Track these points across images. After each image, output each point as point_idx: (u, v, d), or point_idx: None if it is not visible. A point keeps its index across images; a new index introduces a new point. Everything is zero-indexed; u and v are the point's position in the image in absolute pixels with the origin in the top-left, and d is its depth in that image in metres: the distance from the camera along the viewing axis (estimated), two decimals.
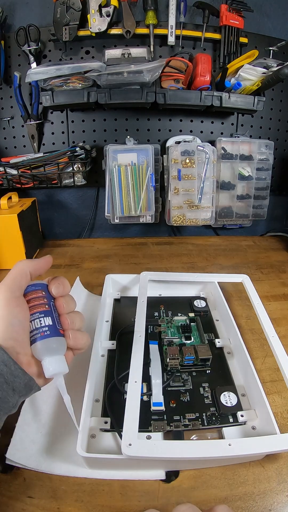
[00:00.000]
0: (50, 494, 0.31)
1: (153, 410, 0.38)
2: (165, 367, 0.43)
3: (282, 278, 0.72)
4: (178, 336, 0.49)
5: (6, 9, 0.78)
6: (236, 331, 0.47)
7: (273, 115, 0.93)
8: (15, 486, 0.32)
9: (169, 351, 0.43)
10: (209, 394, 0.40)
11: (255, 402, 0.38)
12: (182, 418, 0.37)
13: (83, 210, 0.99)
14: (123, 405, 0.35)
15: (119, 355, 0.45)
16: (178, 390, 0.41)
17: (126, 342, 0.48)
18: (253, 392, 0.39)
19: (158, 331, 0.50)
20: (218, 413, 0.38)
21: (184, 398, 0.40)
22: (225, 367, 0.45)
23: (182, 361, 0.43)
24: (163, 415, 0.37)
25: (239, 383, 0.42)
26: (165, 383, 0.41)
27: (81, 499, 0.31)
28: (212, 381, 0.42)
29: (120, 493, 0.32)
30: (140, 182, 0.84)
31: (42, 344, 0.31)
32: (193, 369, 0.44)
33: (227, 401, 0.38)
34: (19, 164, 0.77)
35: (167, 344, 0.47)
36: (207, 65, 0.75)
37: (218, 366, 0.45)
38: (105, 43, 0.81)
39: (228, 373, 0.44)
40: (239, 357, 0.45)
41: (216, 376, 0.43)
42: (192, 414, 0.38)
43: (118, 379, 0.41)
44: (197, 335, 0.50)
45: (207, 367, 0.44)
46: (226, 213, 0.93)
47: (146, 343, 0.47)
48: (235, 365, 0.45)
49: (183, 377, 0.43)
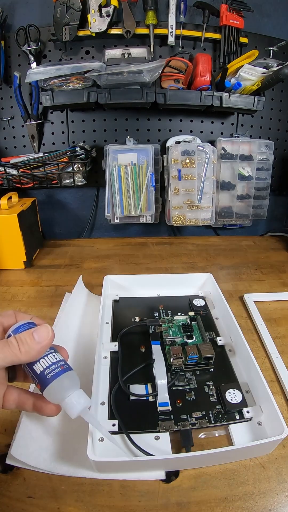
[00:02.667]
0: (50, 494, 0.31)
1: (160, 411, 0.38)
2: (168, 367, 0.43)
3: (282, 278, 0.72)
4: (180, 336, 0.49)
5: (6, 9, 0.78)
6: (237, 328, 0.47)
7: (273, 115, 0.93)
8: (15, 486, 0.31)
9: (173, 351, 0.43)
10: (214, 392, 0.40)
11: (260, 398, 0.38)
12: (189, 417, 0.37)
13: (83, 210, 0.99)
14: (129, 406, 0.35)
15: (122, 357, 0.45)
16: (183, 390, 0.41)
17: (128, 343, 0.48)
18: (257, 388, 0.39)
19: (160, 331, 0.50)
20: (224, 410, 0.38)
21: (190, 397, 0.40)
22: (228, 365, 0.45)
23: (186, 360, 0.43)
24: (170, 414, 0.37)
25: (242, 380, 0.42)
26: (170, 382, 0.41)
27: (81, 499, 0.31)
28: (216, 379, 0.42)
29: (120, 493, 0.32)
30: (140, 182, 0.84)
31: (58, 382, 0.28)
32: (196, 367, 0.44)
33: (232, 398, 0.38)
34: (19, 164, 0.77)
35: (169, 344, 0.47)
36: (207, 65, 0.75)
37: (220, 364, 0.45)
38: (105, 43, 0.81)
39: (231, 370, 0.44)
40: (241, 354, 0.45)
41: (220, 374, 0.43)
42: (199, 412, 0.38)
43: (122, 380, 0.41)
44: (198, 334, 0.50)
45: (210, 365, 0.44)
46: (226, 213, 0.93)
47: (148, 343, 0.47)
48: (238, 363, 0.45)
49: (187, 376, 0.43)
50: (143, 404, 0.39)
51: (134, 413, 0.38)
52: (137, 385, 0.41)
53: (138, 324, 0.52)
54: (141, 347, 0.47)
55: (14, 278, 0.71)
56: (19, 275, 0.72)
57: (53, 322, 0.55)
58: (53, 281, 0.70)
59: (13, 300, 0.62)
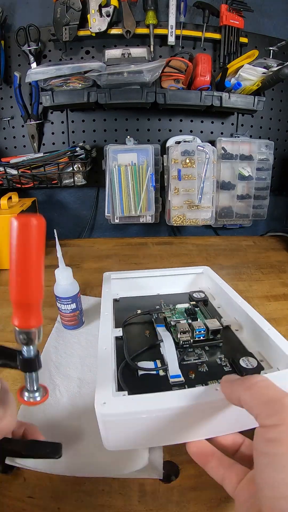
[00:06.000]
0: (50, 494, 0.31)
1: (172, 382, 0.36)
2: (176, 344, 0.41)
3: (282, 278, 0.72)
4: (184, 318, 0.47)
5: (6, 9, 0.78)
6: (244, 304, 0.46)
7: (273, 115, 0.93)
8: (15, 486, 0.31)
9: (179, 326, 0.42)
10: (226, 362, 0.39)
11: (276, 359, 0.37)
12: (205, 386, 0.35)
13: (83, 210, 0.99)
14: (139, 381, 0.33)
15: (127, 341, 0.43)
16: (195, 363, 0.39)
17: (132, 330, 0.47)
18: (271, 350, 0.38)
19: (163, 316, 0.48)
20: (241, 376, 0.37)
21: (202, 368, 0.38)
22: (237, 340, 0.44)
23: (193, 336, 0.42)
24: (183, 385, 0.35)
25: (254, 350, 0.41)
26: (180, 358, 0.39)
27: (81, 499, 0.31)
28: (227, 353, 0.41)
29: (120, 493, 0.32)
30: (140, 182, 0.84)
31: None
32: (205, 343, 0.42)
33: (247, 364, 0.36)
34: (19, 164, 0.77)
35: (174, 325, 0.45)
36: (207, 65, 0.75)
37: (229, 340, 0.43)
38: (105, 43, 0.81)
39: (241, 344, 0.43)
40: (248, 327, 0.44)
41: (230, 349, 0.42)
42: (215, 381, 0.36)
43: (130, 358, 0.39)
44: (202, 317, 0.48)
45: (218, 340, 0.43)
46: (226, 213, 0.93)
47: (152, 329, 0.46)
48: (246, 338, 0.44)
49: (196, 352, 0.41)
50: (153, 379, 0.37)
51: (145, 388, 0.35)
52: (145, 362, 0.39)
53: (141, 314, 0.50)
54: (145, 332, 0.46)
55: None
56: None
57: (53, 322, 0.55)
58: (53, 281, 0.70)
59: None
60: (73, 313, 0.51)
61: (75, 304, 0.50)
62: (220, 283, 0.55)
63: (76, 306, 0.51)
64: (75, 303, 0.50)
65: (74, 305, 0.50)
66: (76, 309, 0.51)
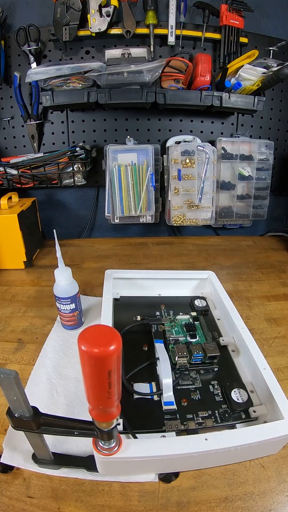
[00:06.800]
0: (50, 494, 0.31)
1: (165, 410, 0.37)
2: (173, 365, 0.43)
3: (282, 278, 0.72)
4: (183, 335, 0.49)
5: (6, 9, 0.78)
6: (242, 328, 0.46)
7: (273, 115, 0.93)
8: (15, 486, 0.31)
9: (177, 349, 0.43)
10: (219, 391, 0.40)
11: (265, 397, 0.38)
12: (195, 417, 0.37)
13: (83, 210, 0.98)
14: (134, 405, 0.34)
15: (124, 355, 0.44)
16: (188, 389, 0.40)
17: (130, 341, 0.47)
18: (263, 388, 0.38)
19: (162, 330, 0.49)
20: (230, 409, 0.37)
21: (195, 396, 0.40)
22: (231, 364, 0.45)
23: (191, 359, 0.43)
24: (175, 414, 0.37)
25: (246, 380, 0.42)
26: (175, 381, 0.41)
27: (81, 499, 0.31)
28: (220, 379, 0.42)
29: (120, 493, 0.32)
30: (140, 182, 0.84)
31: None
32: (200, 367, 0.43)
33: (238, 398, 0.38)
34: (19, 164, 0.77)
35: (173, 342, 0.46)
36: (207, 65, 0.75)
37: (224, 364, 0.45)
38: (105, 43, 0.81)
39: (235, 370, 0.44)
40: (244, 354, 0.45)
41: (224, 374, 0.43)
42: (205, 412, 0.37)
43: (126, 378, 0.40)
44: (201, 334, 0.49)
45: (214, 364, 0.44)
46: (226, 213, 0.93)
47: (150, 342, 0.47)
48: (241, 363, 0.45)
49: (191, 375, 0.42)
50: (147, 403, 0.38)
51: (139, 412, 0.37)
52: (141, 384, 0.40)
53: (140, 322, 0.51)
54: (143, 346, 0.47)
55: (14, 278, 0.71)
56: (19, 275, 0.72)
57: (53, 322, 0.55)
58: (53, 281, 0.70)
59: (13, 300, 0.62)
60: (73, 313, 0.51)
61: (74, 304, 0.50)
62: (223, 297, 0.55)
63: (75, 306, 0.51)
64: (74, 303, 0.50)
65: (74, 305, 0.50)
66: (76, 309, 0.51)
